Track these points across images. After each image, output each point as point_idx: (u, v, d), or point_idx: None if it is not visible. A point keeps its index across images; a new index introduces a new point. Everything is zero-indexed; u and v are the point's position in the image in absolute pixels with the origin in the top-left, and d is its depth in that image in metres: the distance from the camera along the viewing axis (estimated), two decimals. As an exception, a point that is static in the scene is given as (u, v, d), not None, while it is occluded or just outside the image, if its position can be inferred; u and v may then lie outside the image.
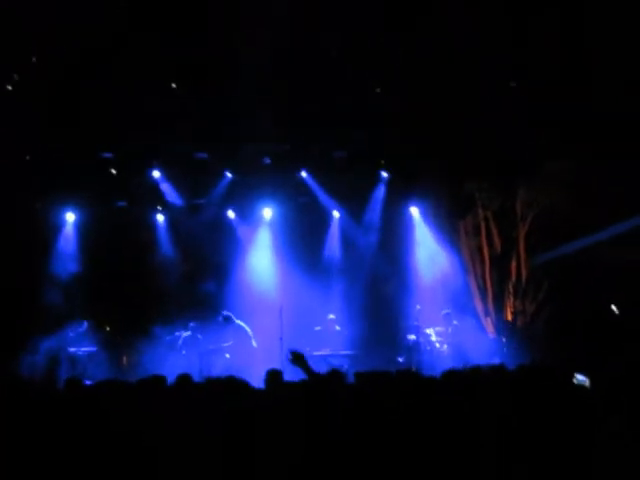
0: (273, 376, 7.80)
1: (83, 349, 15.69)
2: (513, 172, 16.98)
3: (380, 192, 17.96)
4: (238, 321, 16.07)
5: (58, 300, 16.25)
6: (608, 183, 15.23)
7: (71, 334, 15.78)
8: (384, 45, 14.91)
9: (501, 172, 16.91)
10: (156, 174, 17.46)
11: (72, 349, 15.60)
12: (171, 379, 7.55)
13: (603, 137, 15.01)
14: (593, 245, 16.06)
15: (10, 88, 15.13)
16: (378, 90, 15.85)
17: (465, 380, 6.88)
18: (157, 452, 5.20)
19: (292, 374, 10.06)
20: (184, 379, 7.31)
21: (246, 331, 15.98)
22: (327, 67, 15.04)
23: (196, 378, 7.97)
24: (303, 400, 6.59)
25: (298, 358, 8.04)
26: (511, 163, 16.60)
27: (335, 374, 7.54)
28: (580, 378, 13.00)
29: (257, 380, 7.53)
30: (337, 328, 16.46)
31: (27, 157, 16.43)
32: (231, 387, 6.30)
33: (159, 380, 7.20)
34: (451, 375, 7.09)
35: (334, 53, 15.06)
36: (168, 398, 6.84)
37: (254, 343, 15.92)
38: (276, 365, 13.02)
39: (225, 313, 16.11)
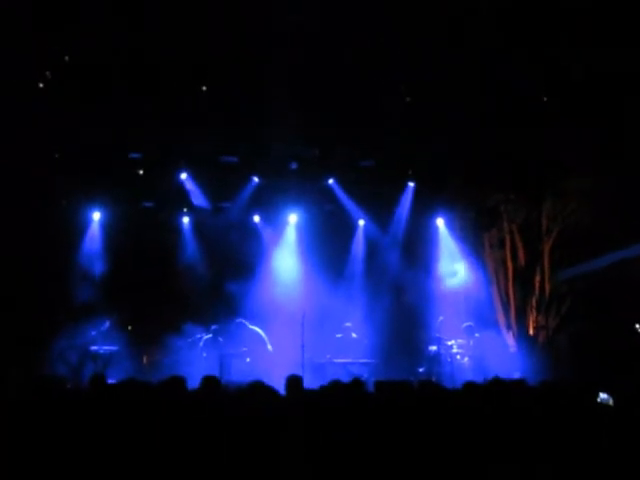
0: (294, 382, 7.82)
1: (105, 347, 15.74)
2: (539, 186, 16.94)
3: (406, 202, 17.95)
4: (252, 326, 16.11)
5: (82, 298, 16.31)
6: (633, 199, 15.17)
7: (93, 332, 15.83)
8: (418, 52, 14.91)
9: (527, 186, 16.87)
10: (183, 176, 17.51)
11: (94, 347, 15.66)
12: (191, 381, 7.59)
13: (628, 153, 15.00)
14: (618, 261, 15.95)
15: (42, 86, 15.23)
16: (408, 99, 15.82)
17: (485, 392, 6.87)
18: (177, 452, 5.21)
19: (311, 381, 10.10)
20: (210, 380, 7.35)
21: (261, 336, 16.03)
22: (359, 73, 15.03)
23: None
24: (322, 407, 6.60)
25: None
26: (537, 177, 16.57)
27: (356, 383, 7.55)
28: (603, 397, 12.97)
29: (278, 385, 7.53)
30: (354, 335, 16.43)
31: (56, 155, 16.53)
32: (257, 392, 6.31)
33: (179, 381, 7.22)
34: (471, 387, 7.08)
35: (366, 58, 15.03)
36: (190, 399, 6.87)
37: (270, 347, 15.96)
38: (297, 371, 13.13)
39: (238, 320, 16.17)
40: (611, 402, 10.17)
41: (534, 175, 16.52)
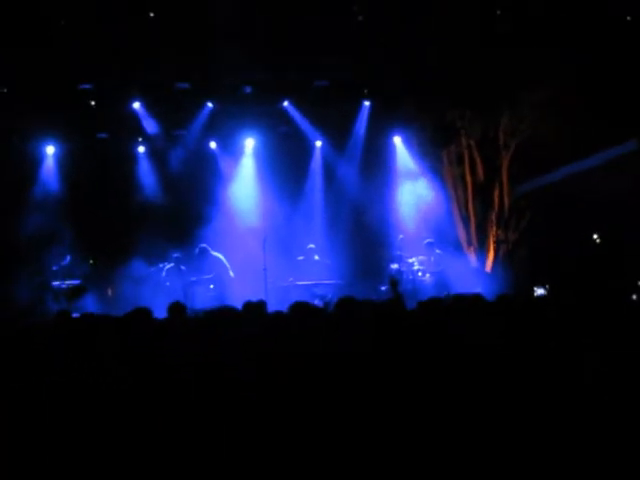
0: (255, 307, 7.84)
1: (67, 282, 15.68)
2: (495, 100, 16.90)
3: (362, 121, 17.86)
4: (214, 253, 16.09)
5: (41, 234, 16.18)
6: (591, 111, 15.21)
7: (54, 268, 15.75)
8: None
9: (483, 100, 16.82)
10: (136, 105, 17.26)
11: (56, 283, 15.59)
12: (157, 311, 7.58)
13: (586, 63, 15.01)
14: (575, 174, 16.09)
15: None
16: (360, 18, 15.62)
17: (445, 308, 6.92)
18: (152, 386, 5.21)
19: (276, 305, 10.13)
20: (176, 307, 7.35)
21: (223, 262, 16.02)
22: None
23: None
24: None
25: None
26: (493, 91, 16.51)
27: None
28: (539, 291, 13.35)
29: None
30: (316, 257, 16.47)
31: (4, 90, 16.19)
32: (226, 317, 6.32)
33: (145, 312, 7.22)
34: (431, 303, 7.13)
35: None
36: (160, 329, 6.86)
37: (231, 273, 15.96)
38: (260, 295, 13.17)
39: (201, 245, 16.12)
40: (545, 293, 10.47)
41: (490, 89, 16.45)
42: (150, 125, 17.47)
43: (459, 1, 15.05)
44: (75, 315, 8.20)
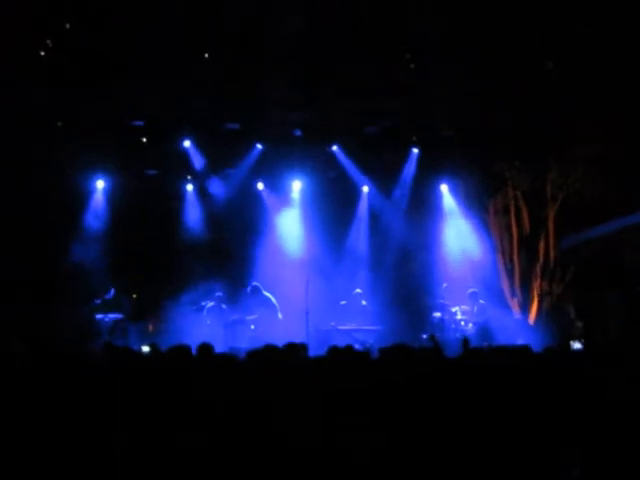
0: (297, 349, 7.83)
1: (110, 316, 15.80)
2: (544, 153, 16.85)
3: (410, 168, 17.87)
4: (266, 292, 16.12)
5: (87, 267, 16.34)
6: (638, 166, 15.16)
7: (98, 301, 15.89)
8: (420, 15, 14.80)
9: (532, 152, 16.78)
10: (187, 143, 17.46)
11: (99, 316, 15.72)
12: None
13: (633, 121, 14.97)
14: (622, 229, 15.95)
15: (43, 54, 15.14)
16: (413, 65, 15.71)
17: (488, 359, 6.88)
18: (187, 419, 5.24)
19: (317, 348, 10.10)
20: (205, 348, 7.38)
21: (273, 303, 16.04)
22: (362, 38, 14.90)
23: (221, 348, 8.04)
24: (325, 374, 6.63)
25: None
26: (542, 143, 16.48)
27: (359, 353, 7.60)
28: (575, 345, 13.25)
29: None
30: (363, 303, 16.44)
31: (59, 123, 16.47)
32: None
33: (185, 349, 7.26)
34: (475, 353, 7.09)
35: (368, 21, 14.89)
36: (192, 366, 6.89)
37: (280, 315, 15.98)
38: (302, 338, 13.14)
39: (254, 284, 16.17)
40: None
41: (539, 141, 16.42)
42: (199, 164, 17.63)
43: (511, 51, 15.07)
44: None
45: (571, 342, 14.45)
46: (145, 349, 13.29)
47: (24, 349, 6.93)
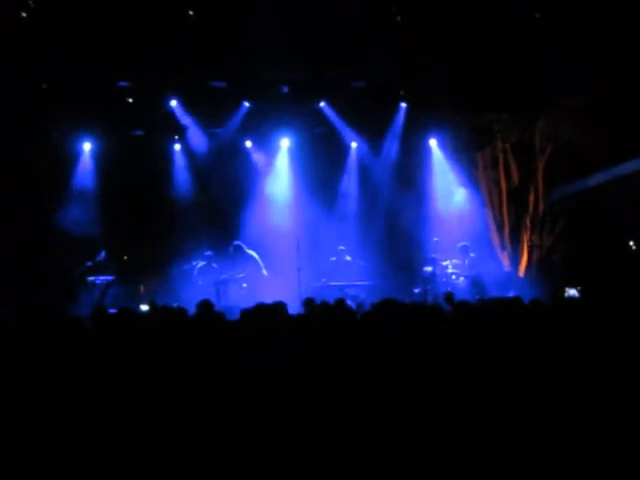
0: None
1: (101, 278, 15.81)
2: (532, 105, 16.80)
3: (399, 123, 17.82)
4: (249, 251, 16.12)
5: (77, 230, 16.32)
6: (626, 118, 15.14)
7: (89, 263, 15.87)
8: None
9: (520, 104, 16.73)
10: (173, 103, 17.36)
11: (90, 278, 15.72)
12: (189, 309, 7.62)
13: (623, 73, 14.93)
14: (612, 179, 15.97)
15: (25, 15, 14.97)
16: (399, 18, 15.59)
17: (479, 311, 6.91)
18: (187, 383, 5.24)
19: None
20: (205, 305, 7.39)
21: (256, 261, 16.04)
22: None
23: (215, 308, 8.05)
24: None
25: None
26: (531, 96, 16.42)
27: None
28: (571, 292, 13.29)
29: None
30: (347, 258, 16.47)
31: (43, 85, 16.34)
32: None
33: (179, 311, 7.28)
34: (465, 306, 7.12)
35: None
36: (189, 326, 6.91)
37: (264, 272, 15.98)
38: (294, 295, 13.20)
39: (236, 243, 16.16)
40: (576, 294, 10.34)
41: (527, 93, 16.36)
42: (186, 123, 17.53)
43: (498, 4, 14.98)
44: (111, 311, 8.26)
45: (566, 289, 14.51)
46: (144, 308, 13.35)
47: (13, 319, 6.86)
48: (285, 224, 16.92)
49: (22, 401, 4.90)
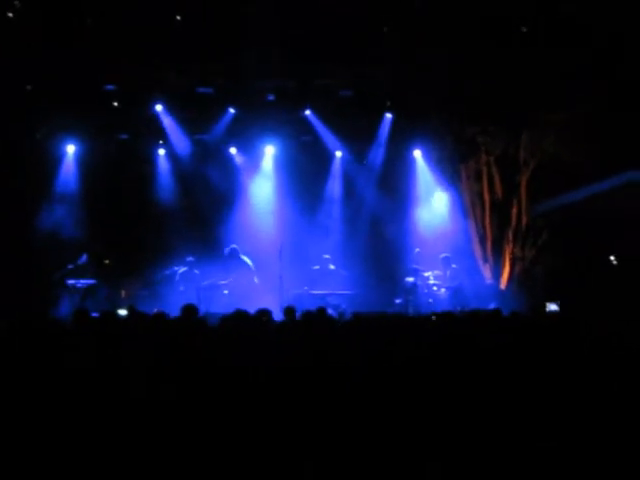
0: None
1: (82, 281, 15.74)
2: (517, 118, 16.87)
3: (384, 133, 17.85)
4: (243, 256, 16.10)
5: (59, 233, 16.28)
6: (611, 133, 15.20)
7: (70, 266, 15.80)
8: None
9: (505, 118, 16.80)
10: (159, 108, 17.32)
11: (71, 281, 15.65)
12: (170, 312, 7.61)
13: (607, 89, 15.00)
14: (594, 195, 16.04)
15: (11, 15, 14.91)
16: (385, 29, 15.63)
17: (460, 322, 6.92)
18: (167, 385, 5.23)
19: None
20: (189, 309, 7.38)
21: (249, 266, 16.03)
22: (336, 3, 14.78)
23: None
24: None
25: None
26: (515, 109, 16.49)
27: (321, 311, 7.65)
28: (552, 307, 13.36)
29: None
30: (331, 267, 16.48)
31: (28, 87, 16.27)
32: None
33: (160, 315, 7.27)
34: (446, 317, 7.13)
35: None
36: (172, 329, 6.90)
37: (256, 280, 15.98)
38: (275, 302, 13.20)
39: (232, 246, 16.12)
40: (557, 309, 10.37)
41: (512, 107, 16.43)
42: (171, 128, 17.50)
43: (485, 19, 15.04)
44: (93, 314, 8.23)
45: (547, 304, 14.55)
46: (122, 312, 13.28)
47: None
48: (268, 231, 16.93)
49: (8, 405, 4.88)
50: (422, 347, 6.15)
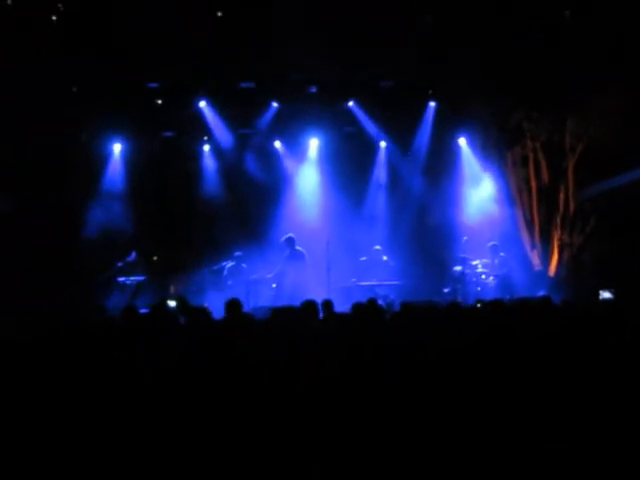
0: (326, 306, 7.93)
1: (132, 278, 15.90)
2: (563, 103, 16.68)
3: (428, 122, 17.78)
4: (298, 247, 15.99)
5: (107, 231, 16.47)
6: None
7: (120, 264, 15.96)
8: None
9: (551, 103, 16.63)
10: (202, 104, 17.42)
11: (121, 278, 15.81)
12: (219, 309, 7.65)
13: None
14: None
15: (55, 19, 15.09)
16: (428, 18, 15.56)
17: (509, 310, 6.88)
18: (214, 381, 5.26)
19: (340, 305, 10.14)
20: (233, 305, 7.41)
21: (304, 256, 15.87)
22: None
23: (244, 308, 8.06)
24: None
25: None
26: (561, 94, 16.31)
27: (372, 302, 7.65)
28: (605, 295, 13.16)
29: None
30: (384, 258, 16.45)
31: (74, 88, 16.46)
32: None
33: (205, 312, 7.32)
34: (494, 305, 7.09)
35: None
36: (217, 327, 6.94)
37: (309, 270, 15.83)
38: (324, 295, 13.21)
39: (289, 235, 15.91)
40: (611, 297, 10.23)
41: (558, 92, 16.26)
42: (215, 124, 17.59)
43: (529, 4, 14.91)
44: (143, 311, 8.32)
45: (600, 291, 14.36)
46: (171, 303, 13.41)
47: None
48: (314, 223, 16.92)
49: (59, 399, 4.95)
50: (469, 336, 6.11)
